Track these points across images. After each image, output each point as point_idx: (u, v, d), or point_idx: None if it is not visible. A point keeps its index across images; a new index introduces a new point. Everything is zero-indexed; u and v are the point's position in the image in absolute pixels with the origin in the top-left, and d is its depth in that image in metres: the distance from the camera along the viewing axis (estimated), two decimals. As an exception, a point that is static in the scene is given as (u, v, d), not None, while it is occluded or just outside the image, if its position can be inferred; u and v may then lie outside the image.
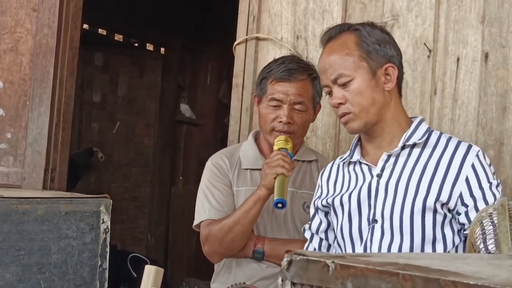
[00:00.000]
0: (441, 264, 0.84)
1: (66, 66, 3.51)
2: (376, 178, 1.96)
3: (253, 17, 3.28)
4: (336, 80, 1.94)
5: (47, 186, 3.41)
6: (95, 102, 6.12)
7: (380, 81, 1.95)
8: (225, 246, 2.40)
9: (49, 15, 3.47)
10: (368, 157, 2.02)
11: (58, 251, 2.00)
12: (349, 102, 1.93)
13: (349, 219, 2.00)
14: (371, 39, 1.97)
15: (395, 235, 1.90)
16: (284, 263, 0.93)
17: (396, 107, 1.99)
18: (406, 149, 1.96)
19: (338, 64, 1.94)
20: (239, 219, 2.35)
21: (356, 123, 1.94)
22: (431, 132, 2.00)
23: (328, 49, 2.00)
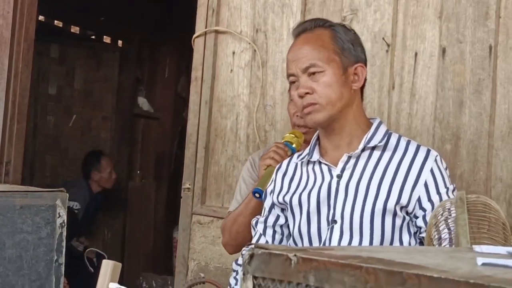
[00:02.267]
0: (404, 257, 0.84)
1: (21, 57, 3.45)
2: (336, 178, 1.96)
3: (212, 10, 3.26)
4: (307, 69, 1.94)
5: (1, 180, 3.35)
6: (50, 95, 6.02)
7: (349, 79, 1.96)
8: (233, 237, 2.45)
9: (4, 5, 3.41)
10: (327, 157, 2.01)
11: (12, 246, 1.96)
12: (317, 93, 1.92)
13: (307, 219, 1.99)
14: (346, 37, 1.99)
15: (354, 236, 1.91)
16: (245, 257, 0.92)
17: (357, 108, 2.00)
18: (366, 151, 1.97)
19: (311, 54, 1.94)
20: (241, 211, 2.39)
21: (321, 114, 1.93)
22: (390, 135, 2.01)
23: (302, 39, 2.00)
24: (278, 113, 3.10)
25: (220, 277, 3.04)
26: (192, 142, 3.26)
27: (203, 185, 3.22)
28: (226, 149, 3.21)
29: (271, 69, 3.11)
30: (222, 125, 3.22)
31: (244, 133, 3.17)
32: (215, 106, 3.24)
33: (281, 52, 3.11)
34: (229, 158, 3.20)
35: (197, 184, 3.22)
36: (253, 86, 3.17)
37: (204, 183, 3.22)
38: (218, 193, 3.21)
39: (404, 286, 0.74)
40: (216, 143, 3.23)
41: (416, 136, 2.76)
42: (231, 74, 3.22)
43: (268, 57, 3.13)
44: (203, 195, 3.22)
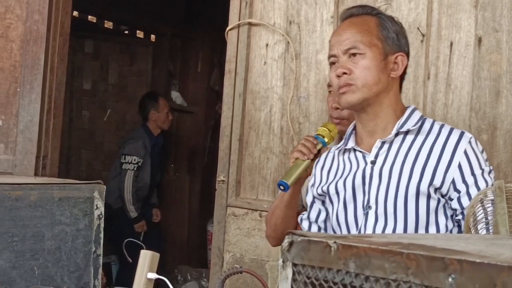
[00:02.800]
0: (445, 244, 0.83)
1: (57, 52, 3.49)
2: (370, 164, 1.97)
3: (245, 3, 3.26)
4: (349, 50, 1.95)
5: (39, 173, 3.39)
6: (85, 90, 6.08)
7: (389, 66, 1.97)
8: (272, 229, 2.45)
9: (40, 1, 3.45)
10: (362, 145, 2.03)
11: (51, 237, 1.98)
12: (354, 75, 1.94)
13: (344, 206, 2.00)
14: (392, 27, 2.01)
15: (389, 220, 1.91)
16: (284, 244, 0.92)
17: (394, 96, 2.01)
18: (399, 135, 1.97)
19: (354, 36, 1.96)
20: (277, 204, 2.39)
21: (355, 95, 1.94)
22: (424, 120, 2.01)
23: (348, 22, 2.02)
24: (312, 105, 3.10)
25: (255, 268, 3.05)
26: (226, 134, 3.27)
27: (238, 178, 3.23)
28: (260, 141, 3.21)
29: (304, 61, 3.11)
30: (256, 117, 3.22)
31: (278, 125, 3.17)
32: (249, 98, 3.25)
33: (314, 43, 3.10)
34: (263, 150, 3.20)
35: (232, 176, 3.23)
36: (286, 78, 3.16)
37: (238, 175, 3.23)
38: (253, 185, 3.22)
39: (446, 271, 0.73)
40: (250, 135, 3.24)
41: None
42: (265, 66, 3.22)
43: (301, 49, 3.12)
44: (237, 187, 3.23)
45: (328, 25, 3.07)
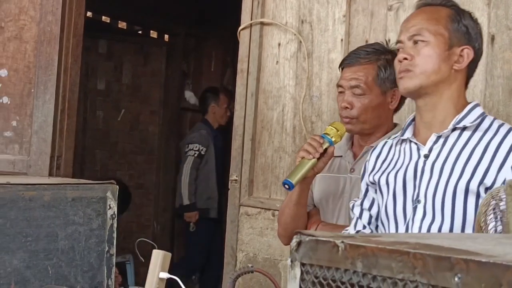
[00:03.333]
0: (452, 243, 0.83)
1: (71, 53, 3.51)
2: (423, 158, 1.95)
3: (257, 2, 3.26)
4: (413, 36, 1.94)
5: (53, 174, 3.41)
6: (99, 90, 6.11)
7: (452, 58, 1.94)
8: (283, 228, 2.47)
9: (53, 2, 3.47)
10: (419, 137, 1.99)
11: (65, 237, 1.99)
12: (415, 61, 1.92)
13: (393, 198, 1.99)
14: (464, 21, 1.97)
15: (436, 216, 1.89)
16: (293, 244, 0.92)
17: (457, 90, 1.97)
18: (456, 131, 1.94)
19: (422, 23, 1.94)
20: (286, 203, 2.41)
21: (412, 81, 1.92)
22: (484, 117, 1.96)
23: (419, 10, 2.01)
24: (324, 104, 3.10)
25: (268, 268, 3.05)
26: (239, 134, 3.28)
27: (250, 177, 3.24)
28: (272, 140, 3.22)
29: (316, 60, 3.11)
30: (268, 116, 3.23)
31: (291, 125, 3.17)
32: (261, 98, 3.25)
33: (326, 42, 3.10)
34: (276, 150, 3.20)
35: (244, 175, 3.24)
36: (299, 78, 3.16)
37: (251, 174, 3.24)
38: (265, 184, 3.22)
39: (452, 271, 0.73)
40: (263, 134, 3.24)
41: (465, 125, 2.72)
42: (277, 65, 3.22)
43: (313, 48, 3.12)
44: (250, 186, 3.24)
45: (340, 24, 3.07)
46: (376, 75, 2.39)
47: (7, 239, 1.90)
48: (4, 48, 3.54)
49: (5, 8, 3.55)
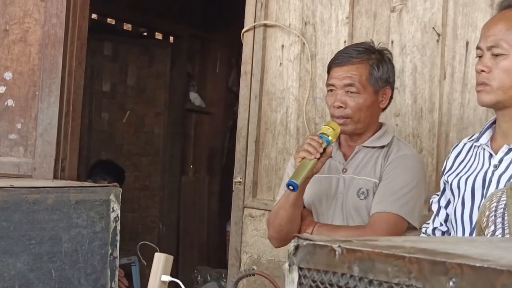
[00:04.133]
0: (448, 247, 0.84)
1: (75, 56, 3.52)
2: (493, 168, 1.91)
3: (261, 4, 3.27)
4: (491, 48, 1.88)
5: (58, 176, 3.42)
6: (104, 92, 6.13)
7: None
8: (276, 231, 2.46)
9: (57, 5, 3.48)
10: (494, 143, 1.96)
11: (68, 240, 2.01)
12: (492, 74, 1.87)
13: (462, 204, 1.97)
14: None
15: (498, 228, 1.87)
16: (290, 248, 0.93)
17: None
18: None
19: (501, 34, 1.87)
20: (282, 204, 2.40)
21: (489, 96, 1.89)
22: None
23: (501, 15, 1.93)
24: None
25: (272, 270, 3.06)
26: (243, 136, 3.28)
27: (254, 179, 3.24)
28: (276, 142, 3.22)
29: (320, 62, 3.11)
30: (272, 118, 3.23)
31: (294, 126, 3.18)
32: (265, 99, 3.26)
33: (330, 44, 3.10)
34: (280, 151, 3.21)
35: (248, 177, 3.25)
36: (302, 79, 3.17)
37: (255, 176, 3.24)
38: (269, 186, 3.23)
39: (447, 275, 0.74)
40: (266, 136, 3.25)
41: (469, 126, 2.73)
42: (281, 67, 3.22)
43: (317, 50, 3.13)
44: (254, 188, 3.24)
45: (344, 25, 3.07)
46: (369, 74, 2.40)
47: (11, 242, 1.91)
48: (9, 51, 3.55)
49: (10, 11, 3.56)
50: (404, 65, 2.92)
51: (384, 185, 2.37)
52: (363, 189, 2.39)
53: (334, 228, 2.38)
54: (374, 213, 2.35)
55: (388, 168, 2.39)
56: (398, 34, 2.95)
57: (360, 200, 2.39)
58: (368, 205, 2.37)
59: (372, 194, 2.38)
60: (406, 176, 2.39)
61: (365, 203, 2.38)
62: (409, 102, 2.91)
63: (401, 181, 2.37)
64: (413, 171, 2.42)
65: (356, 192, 2.41)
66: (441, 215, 2.10)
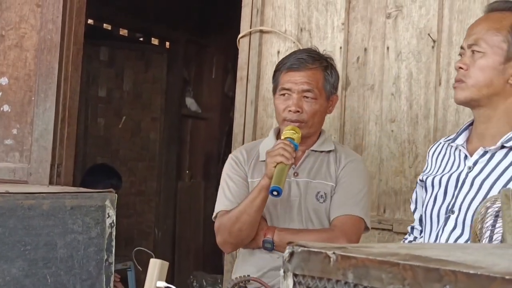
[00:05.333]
0: (442, 254, 0.84)
1: (71, 61, 3.52)
2: (467, 169, 1.93)
3: (256, 10, 3.28)
4: (471, 46, 1.90)
5: (54, 182, 3.42)
6: (100, 97, 6.13)
7: (509, 71, 1.89)
8: (234, 236, 2.42)
9: (53, 10, 3.48)
10: (470, 145, 1.97)
11: (64, 246, 2.00)
12: (468, 72, 1.89)
13: (434, 201, 1.99)
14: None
15: (465, 231, 1.88)
16: (285, 255, 0.93)
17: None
18: (504, 149, 1.89)
19: (481, 33, 1.90)
20: (245, 208, 2.37)
21: (463, 93, 1.91)
22: None
23: (485, 17, 1.97)
24: (323, 111, 3.10)
25: (268, 275, 3.05)
26: (238, 141, 3.28)
27: (250, 184, 3.24)
28: (272, 148, 3.22)
29: (316, 68, 3.11)
30: (267, 124, 3.23)
31: (290, 132, 3.18)
32: (261, 105, 3.26)
33: (325, 50, 3.10)
34: (276, 157, 3.20)
35: (244, 183, 3.24)
36: (298, 85, 3.17)
37: (251, 182, 3.24)
38: (265, 192, 3.22)
39: (441, 282, 0.74)
40: (262, 142, 3.25)
41: (464, 132, 2.73)
42: (276, 73, 3.22)
43: (312, 56, 3.13)
44: (250, 194, 3.24)
45: (339, 31, 3.08)
46: (324, 81, 2.46)
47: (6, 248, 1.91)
48: (5, 56, 3.56)
49: (6, 16, 3.56)
50: (399, 71, 2.93)
51: (343, 189, 2.45)
52: (321, 192, 2.45)
53: (296, 232, 2.40)
54: (337, 216, 2.41)
55: (343, 172, 2.47)
56: (394, 40, 2.96)
57: (319, 203, 2.44)
58: (327, 208, 2.43)
59: (329, 198, 2.44)
60: (360, 179, 2.48)
61: (324, 206, 2.43)
62: (404, 108, 2.92)
63: (357, 184, 2.46)
64: (364, 174, 2.53)
65: (315, 196, 2.45)
66: (416, 214, 2.15)
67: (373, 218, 2.94)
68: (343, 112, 3.06)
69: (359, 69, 3.04)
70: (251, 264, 2.46)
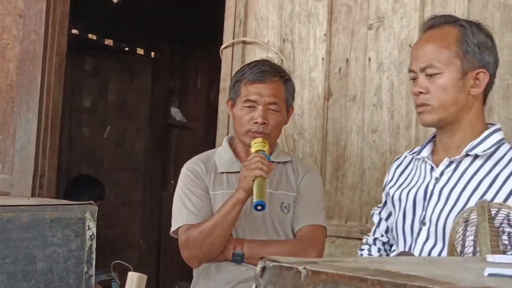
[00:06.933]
0: (412, 269, 0.84)
1: (54, 72, 3.52)
2: (434, 181, 1.94)
3: (239, 21, 3.28)
4: (425, 69, 1.91)
5: (36, 193, 3.41)
6: (85, 107, 6.11)
7: (468, 83, 1.91)
8: (204, 250, 2.39)
9: (36, 21, 3.48)
10: (435, 156, 1.99)
11: (43, 259, 1.99)
12: (430, 94, 1.90)
13: (403, 216, 2.00)
14: (473, 40, 1.92)
15: (438, 241, 1.89)
16: (257, 270, 0.93)
17: (475, 114, 1.95)
18: (469, 158, 1.92)
19: (432, 54, 1.91)
20: (218, 223, 2.34)
21: (431, 116, 1.92)
22: (501, 145, 1.93)
23: (427, 36, 1.97)
24: (306, 122, 3.11)
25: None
26: (222, 152, 3.28)
27: (233, 195, 3.23)
28: (255, 158, 3.22)
29: (298, 78, 3.12)
30: (250, 135, 3.23)
31: (273, 143, 3.18)
32: (243, 116, 3.26)
33: (307, 61, 3.12)
34: (259, 168, 3.21)
35: (227, 194, 3.24)
36: (281, 96, 3.17)
37: (234, 192, 3.24)
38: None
39: (409, 298, 0.74)
40: (245, 153, 3.25)
41: (445, 143, 2.74)
42: (259, 84, 3.23)
43: (295, 67, 3.14)
44: (233, 204, 3.23)
45: (321, 42, 3.09)
46: (286, 93, 2.49)
47: (-15, 261, 1.90)
48: (-13, 67, 3.55)
49: (-12, 27, 3.55)
50: (381, 82, 2.94)
51: (305, 200, 2.47)
52: (285, 203, 2.46)
53: (266, 244, 2.41)
54: (303, 226, 2.44)
55: (302, 183, 2.50)
56: (375, 51, 2.97)
57: (284, 214, 2.45)
58: (290, 218, 2.45)
59: (292, 208, 2.46)
60: (319, 189, 2.54)
61: (289, 217, 2.45)
62: (386, 118, 2.93)
63: (318, 194, 2.51)
64: (321, 184, 2.61)
65: (280, 206, 2.46)
66: (381, 226, 2.16)
67: (356, 228, 2.94)
68: (325, 123, 3.07)
69: (341, 80, 3.05)
70: (218, 277, 2.43)
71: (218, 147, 2.66)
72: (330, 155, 3.05)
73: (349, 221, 3.00)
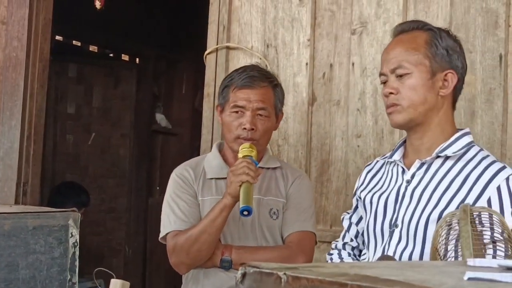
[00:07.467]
0: (392, 273, 0.84)
1: (37, 78, 3.50)
2: (405, 183, 1.97)
3: (223, 27, 3.28)
4: (395, 70, 1.94)
5: (20, 200, 3.39)
6: (69, 114, 6.08)
7: (437, 84, 1.94)
8: (192, 256, 2.38)
9: (18, 28, 3.46)
10: (407, 159, 2.02)
11: (26, 266, 1.98)
12: (400, 95, 1.92)
13: (374, 219, 2.01)
14: (442, 43, 1.95)
15: (410, 242, 1.90)
16: (238, 276, 0.93)
17: (444, 115, 1.97)
18: (440, 159, 1.94)
19: (401, 55, 1.94)
20: (205, 228, 2.34)
21: (401, 116, 1.94)
22: (471, 147, 1.96)
23: (396, 40, 2.00)
24: (290, 128, 3.11)
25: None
26: (206, 158, 3.27)
27: (218, 201, 3.23)
28: (239, 164, 3.21)
29: (282, 84, 3.10)
30: (235, 140, 3.23)
31: (258, 148, 3.18)
32: (227, 121, 3.25)
33: (291, 66, 3.12)
34: (243, 173, 3.20)
35: (212, 199, 3.23)
36: (265, 101, 3.17)
37: (219, 198, 3.23)
38: (233, 208, 3.22)
39: (388, 303, 0.74)
40: (230, 158, 3.24)
41: (428, 147, 2.75)
42: (243, 89, 3.23)
43: (279, 72, 3.14)
44: (218, 210, 3.23)
45: (305, 48, 3.10)
46: (275, 99, 2.48)
47: (-34, 269, 1.88)
48: (-30, 74, 3.53)
49: (-30, 34, 3.53)
50: (365, 87, 2.95)
51: (294, 205, 2.48)
52: (274, 209, 2.46)
53: (255, 250, 2.40)
54: (292, 232, 2.44)
55: (292, 189, 2.50)
56: (359, 56, 2.98)
57: (273, 220, 2.45)
58: (279, 224, 2.45)
59: (281, 214, 2.46)
60: (308, 195, 2.53)
61: (278, 223, 2.45)
62: (370, 123, 2.94)
63: (307, 200, 2.51)
64: (311, 190, 2.60)
65: (268, 212, 2.46)
66: (351, 231, 2.18)
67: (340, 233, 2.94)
68: (309, 128, 3.07)
69: (325, 85, 3.06)
70: (206, 283, 2.43)
71: (208, 153, 2.65)
72: (315, 160, 3.05)
73: (334, 226, 3.00)
